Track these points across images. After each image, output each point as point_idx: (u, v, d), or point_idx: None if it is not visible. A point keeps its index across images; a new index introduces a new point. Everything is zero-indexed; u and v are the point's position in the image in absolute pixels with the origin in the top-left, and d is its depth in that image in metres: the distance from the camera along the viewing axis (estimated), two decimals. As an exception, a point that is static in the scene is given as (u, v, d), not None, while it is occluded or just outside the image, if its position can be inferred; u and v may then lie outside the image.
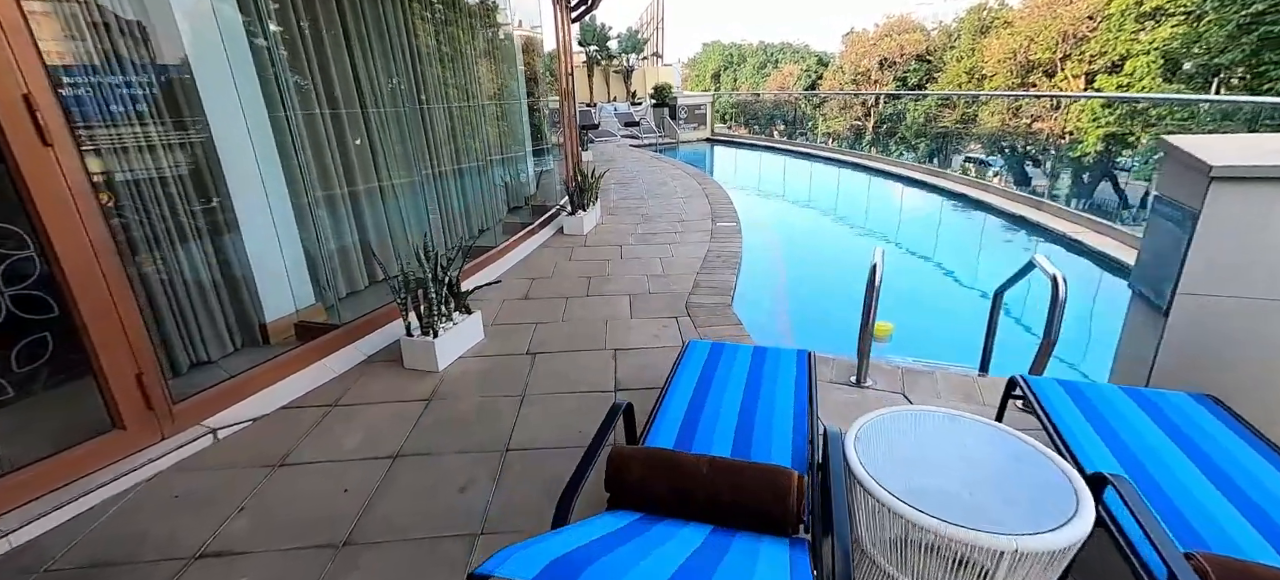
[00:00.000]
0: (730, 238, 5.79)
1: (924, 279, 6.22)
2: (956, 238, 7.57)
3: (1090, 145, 21.09)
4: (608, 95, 21.45)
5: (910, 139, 31.51)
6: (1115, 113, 20.43)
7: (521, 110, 7.09)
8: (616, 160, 12.21)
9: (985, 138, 27.09)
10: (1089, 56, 22.10)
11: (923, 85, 32.98)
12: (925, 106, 29.10)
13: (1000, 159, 20.41)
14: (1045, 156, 24.92)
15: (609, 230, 6.36)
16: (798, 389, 2.29)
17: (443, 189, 5.34)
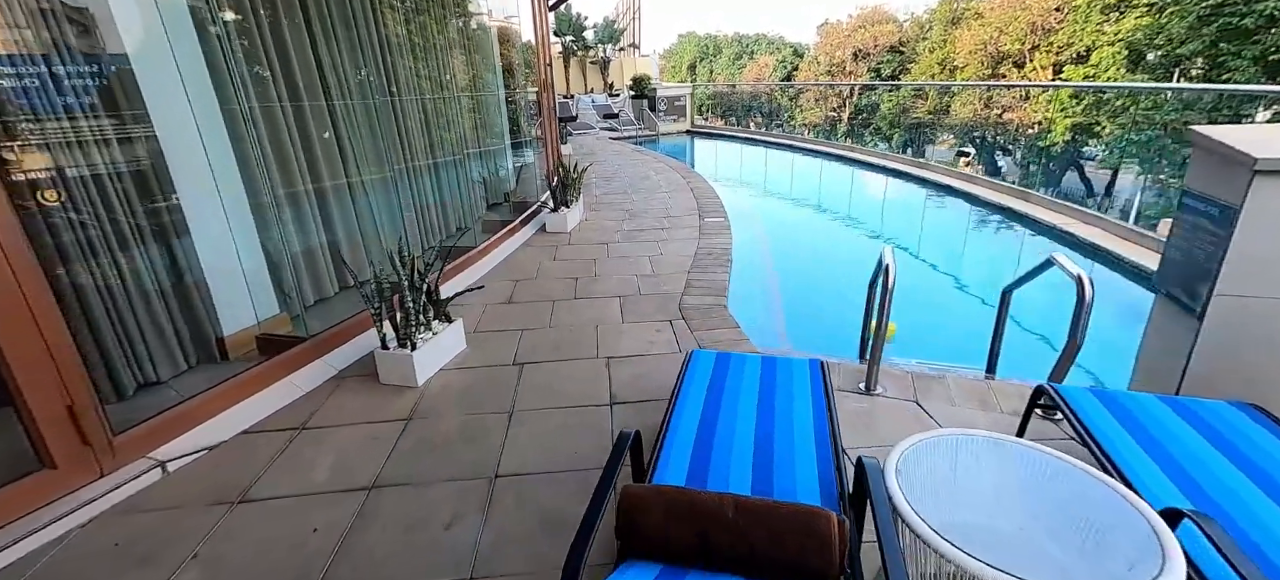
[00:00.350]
0: (719, 234, 5.60)
1: (912, 274, 6.13)
2: (942, 231, 7.52)
3: (1059, 135, 21.53)
4: (584, 87, 21.07)
5: (885, 130, 31.87)
6: (1082, 103, 20.87)
7: (499, 102, 6.77)
8: (596, 153, 11.92)
9: (958, 128, 27.51)
10: (1057, 47, 22.50)
11: (896, 76, 33.30)
12: (899, 97, 29.41)
13: (983, 152, 20.63)
14: (1015, 146, 25.40)
15: (594, 227, 6.11)
16: (816, 406, 2.10)
17: (417, 185, 5.02)
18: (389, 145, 4.66)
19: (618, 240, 5.58)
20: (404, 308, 3.04)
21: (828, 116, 35.56)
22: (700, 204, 6.85)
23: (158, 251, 3.05)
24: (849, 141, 32.36)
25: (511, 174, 7.07)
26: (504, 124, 6.81)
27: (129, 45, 2.92)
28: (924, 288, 5.70)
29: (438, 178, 5.32)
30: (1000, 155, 28.70)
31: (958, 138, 28.10)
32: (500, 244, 5.34)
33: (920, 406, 2.63)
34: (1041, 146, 23.03)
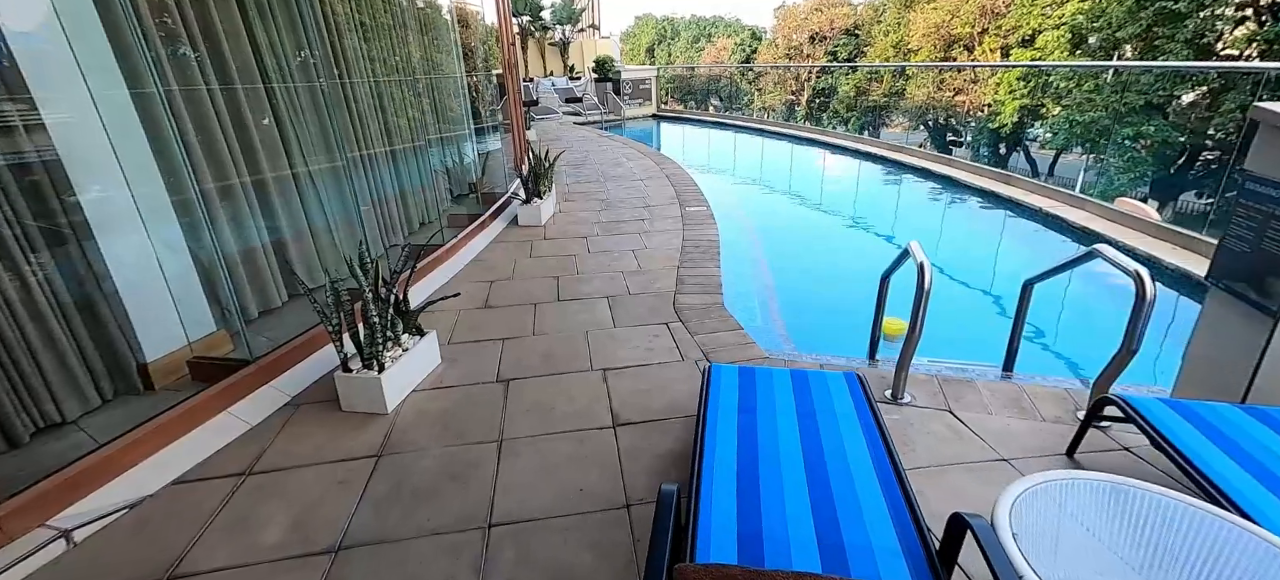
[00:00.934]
0: (704, 225, 5.29)
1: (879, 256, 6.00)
2: (920, 216, 7.44)
3: (1008, 117, 22.18)
4: (544, 70, 20.30)
5: (843, 113, 32.23)
6: (1029, 86, 21.53)
7: (459, 85, 6.22)
8: (562, 139, 11.39)
9: (913, 111, 28.02)
10: (1005, 31, 23.09)
11: (852, 59, 33.67)
12: (856, 80, 29.74)
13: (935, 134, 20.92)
14: (966, 128, 26.02)
15: (569, 220, 5.69)
16: (868, 434, 1.82)
17: (373, 176, 4.50)
18: (340, 132, 4.12)
19: (597, 234, 5.19)
20: (368, 323, 2.60)
21: (787, 100, 35.80)
22: (679, 192, 6.52)
23: (52, 262, 2.50)
24: (808, 124, 32.72)
25: (476, 162, 6.55)
26: (465, 108, 6.27)
27: (3, 20, 2.34)
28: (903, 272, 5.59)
29: (395, 167, 4.79)
30: (951, 136, 29.49)
31: (913, 120, 28.70)
32: (470, 240, 4.87)
33: (954, 415, 2.40)
34: (992, 128, 23.74)
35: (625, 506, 2.03)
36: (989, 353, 3.07)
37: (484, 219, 5.27)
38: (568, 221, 5.61)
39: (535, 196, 5.56)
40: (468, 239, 4.85)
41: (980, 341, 4.17)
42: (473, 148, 6.55)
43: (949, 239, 6.55)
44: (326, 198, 4.03)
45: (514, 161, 6.78)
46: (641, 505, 2.03)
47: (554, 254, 4.72)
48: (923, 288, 2.22)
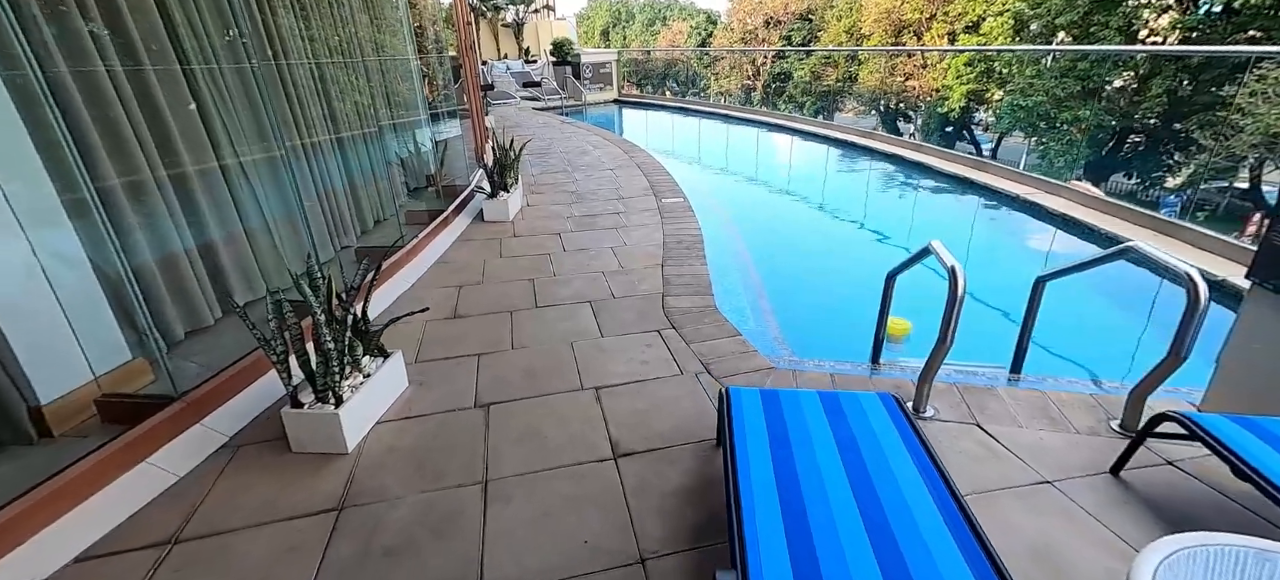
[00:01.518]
0: (683, 217, 5.01)
1: (859, 246, 5.91)
2: (891, 202, 7.40)
3: (956, 101, 22.83)
4: (498, 52, 19.44)
5: (798, 97, 32.51)
6: (975, 72, 22.19)
7: (410, 68, 5.67)
8: (523, 126, 10.84)
9: (865, 95, 28.50)
10: (953, 17, 23.66)
11: (807, 43, 33.95)
12: (811, 65, 30.00)
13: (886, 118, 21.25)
14: (917, 112, 26.69)
15: (539, 214, 5.29)
16: (923, 470, 1.59)
17: (319, 166, 3.98)
18: (277, 118, 3.60)
19: (571, 229, 4.82)
20: (322, 350, 2.20)
21: (743, 84, 35.84)
22: (652, 182, 6.20)
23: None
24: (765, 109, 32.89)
25: (433, 152, 6.02)
26: (418, 93, 5.74)
27: None
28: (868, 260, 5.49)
29: (343, 157, 4.27)
30: (902, 121, 30.24)
31: (865, 105, 29.23)
32: (433, 239, 4.42)
33: (983, 429, 2.22)
34: (941, 113, 24.42)
35: (639, 561, 1.75)
36: (980, 346, 2.94)
37: (447, 215, 4.82)
38: (538, 216, 5.22)
39: (501, 190, 5.13)
40: (430, 238, 4.40)
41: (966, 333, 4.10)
42: (429, 135, 6.02)
43: (921, 224, 6.52)
44: (264, 193, 3.51)
45: (475, 150, 6.29)
46: (657, 558, 1.75)
47: (526, 253, 4.33)
48: (956, 294, 2.01)
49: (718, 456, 2.15)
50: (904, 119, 29.36)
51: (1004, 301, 4.56)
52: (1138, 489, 1.87)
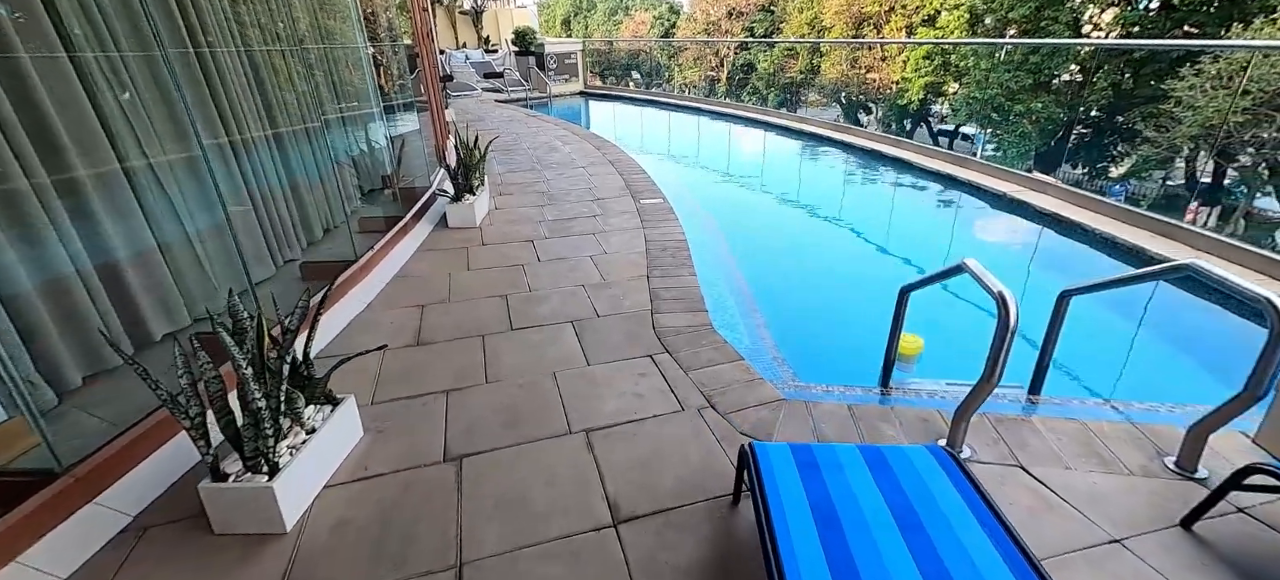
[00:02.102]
0: (665, 220, 4.66)
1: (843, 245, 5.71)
2: (872, 200, 7.21)
3: (915, 94, 23.19)
4: (456, 41, 18.57)
5: (762, 89, 32.54)
6: (933, 65, 22.56)
7: (362, 57, 5.11)
8: (486, 119, 10.24)
9: (827, 87, 28.70)
10: (910, 10, 23.99)
11: (769, 35, 33.99)
12: (774, 56, 30.00)
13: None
14: (878, 104, 27.06)
15: (509, 218, 4.85)
16: (997, 543, 1.30)
17: (255, 167, 3.44)
18: (202, 110, 3.06)
19: (545, 235, 4.41)
20: (250, 409, 1.76)
21: (707, 76, 35.68)
22: (628, 181, 5.82)
23: None
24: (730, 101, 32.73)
25: (389, 150, 5.47)
26: (369, 83, 5.18)
27: None
28: (849, 255, 5.29)
29: (282, 156, 3.73)
30: (862, 113, 30.65)
31: (828, 97, 29.46)
32: (390, 251, 3.93)
33: (1030, 474, 1.97)
34: (901, 105, 24.79)
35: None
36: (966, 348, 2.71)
37: (406, 222, 4.33)
38: (507, 221, 4.77)
39: (466, 192, 4.66)
40: (388, 248, 3.92)
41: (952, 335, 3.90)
42: (383, 131, 5.46)
43: (901, 222, 6.36)
44: (183, 201, 2.97)
45: (436, 148, 5.77)
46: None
47: (497, 264, 3.90)
48: (1007, 325, 1.73)
49: (737, 519, 1.83)
50: (865, 111, 29.80)
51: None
52: (1214, 546, 1.65)
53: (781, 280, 4.68)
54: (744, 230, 5.72)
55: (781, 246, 5.60)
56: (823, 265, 5.15)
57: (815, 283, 4.76)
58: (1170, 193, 19.04)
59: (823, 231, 6.08)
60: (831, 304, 4.43)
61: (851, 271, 5.09)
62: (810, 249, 5.61)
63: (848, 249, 5.55)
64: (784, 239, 5.85)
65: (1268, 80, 13.36)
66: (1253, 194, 15.43)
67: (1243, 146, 14.48)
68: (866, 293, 4.56)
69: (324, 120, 4.37)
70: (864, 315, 4.12)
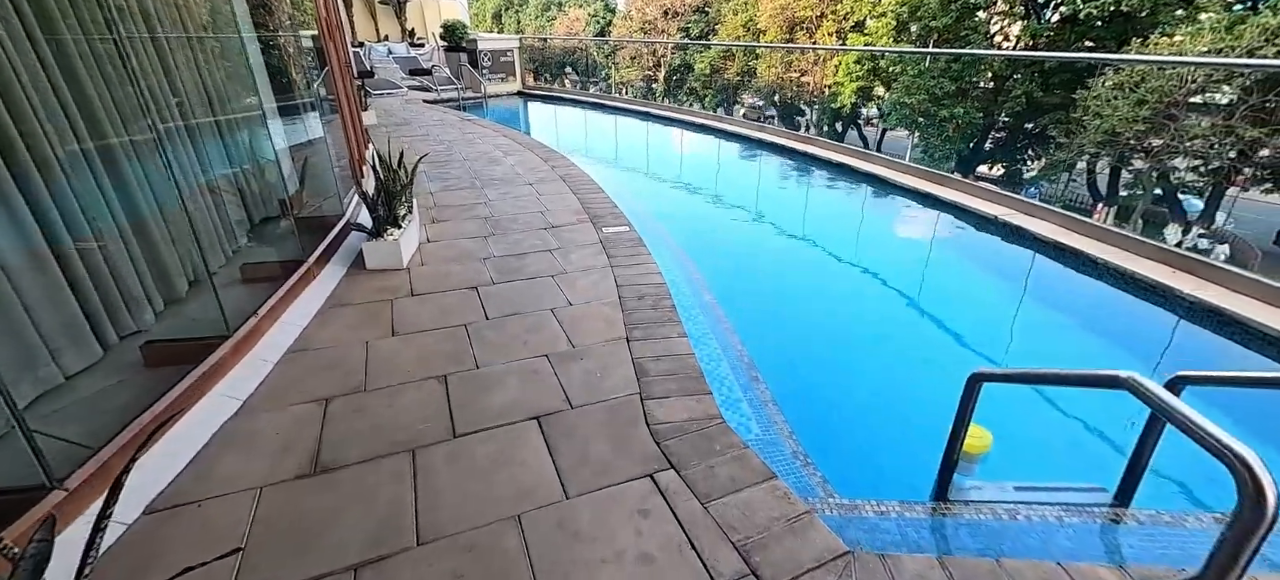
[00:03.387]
0: (636, 256, 3.90)
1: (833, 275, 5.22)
2: (841, 214, 6.77)
3: (847, 98, 23.64)
4: (377, 33, 16.86)
5: (699, 90, 32.32)
6: (863, 69, 23.07)
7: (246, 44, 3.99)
8: (413, 124, 9.03)
9: (763, 89, 28.87)
10: (841, 16, 24.42)
11: (705, 36, 33.87)
12: (710, 57, 29.85)
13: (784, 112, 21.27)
14: (812, 107, 27.50)
15: (445, 255, 3.92)
16: None
17: (65, 196, 2.37)
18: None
19: (492, 280, 3.53)
20: None
21: (644, 75, 35.10)
22: (585, 202, 5.01)
23: None
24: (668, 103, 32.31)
25: (288, 165, 4.35)
26: (258, 77, 4.07)
27: None
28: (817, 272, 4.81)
29: (114, 179, 2.65)
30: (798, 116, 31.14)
31: (764, 99, 29.64)
32: (283, 310, 2.94)
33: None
34: (834, 108, 25.24)
35: None
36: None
37: (308, 266, 3.32)
38: (444, 258, 3.85)
39: (390, 226, 3.70)
40: (279, 309, 2.92)
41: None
42: (278, 141, 4.33)
43: (870, 236, 5.95)
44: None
45: (351, 164, 4.72)
46: None
47: (431, 324, 3.00)
48: (1264, 518, 1.12)
49: None
50: (798, 113, 30.28)
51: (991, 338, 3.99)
52: None
53: (776, 330, 3.97)
54: (722, 260, 5.03)
55: (766, 284, 4.87)
56: (819, 307, 4.52)
57: (816, 333, 4.09)
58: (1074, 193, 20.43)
59: (804, 256, 5.51)
60: (842, 362, 3.78)
61: (850, 312, 4.48)
62: (796, 284, 4.96)
63: (837, 282, 4.97)
64: (767, 274, 5.10)
65: (1164, 91, 14.40)
66: (1147, 195, 16.70)
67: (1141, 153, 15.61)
68: (872, 337, 4.02)
69: (193, 123, 3.28)
70: (882, 371, 3.56)
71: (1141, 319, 3.98)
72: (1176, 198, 17.58)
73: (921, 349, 3.86)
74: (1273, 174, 14.55)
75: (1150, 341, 3.83)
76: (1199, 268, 3.99)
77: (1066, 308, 4.50)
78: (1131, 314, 4.08)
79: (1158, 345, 3.72)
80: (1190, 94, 14.09)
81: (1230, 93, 13.28)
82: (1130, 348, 3.98)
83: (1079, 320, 4.34)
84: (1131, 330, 4.08)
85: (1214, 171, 15.32)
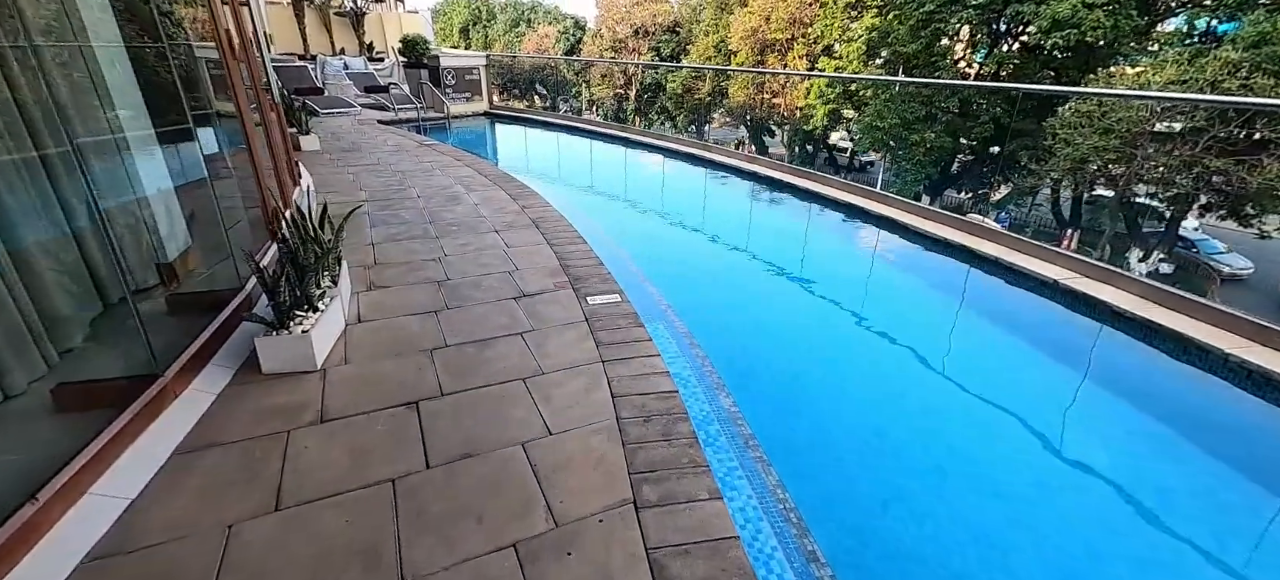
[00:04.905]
0: (631, 337, 2.98)
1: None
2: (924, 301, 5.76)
3: (819, 121, 23.42)
4: (332, 47, 15.56)
5: (671, 110, 31.81)
6: (835, 92, 22.90)
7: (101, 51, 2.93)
8: (363, 150, 7.90)
9: (734, 110, 28.52)
10: (812, 39, 24.30)
11: (676, 57, 33.52)
12: (682, 77, 29.39)
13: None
14: (782, 128, 27.25)
15: (377, 346, 2.90)
16: None
17: None
18: None
19: (438, 389, 2.53)
20: None
21: (615, 93, 34.44)
22: (562, 257, 4.06)
23: None
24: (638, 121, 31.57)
25: (170, 215, 3.25)
26: (122, 98, 3.00)
27: None
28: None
29: None
30: (767, 136, 30.89)
31: (735, 119, 29.25)
32: (107, 463, 1.89)
33: None
34: (806, 131, 25.00)
35: None
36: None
37: (166, 383, 2.27)
38: (376, 351, 2.83)
39: (299, 310, 2.67)
40: (101, 464, 1.87)
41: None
42: (154, 180, 3.24)
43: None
44: None
45: (264, 215, 3.66)
46: None
47: (341, 484, 1.99)
48: None
49: None
50: (768, 134, 30.06)
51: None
52: None
53: (853, 488, 2.77)
54: (746, 353, 3.90)
55: (817, 399, 3.53)
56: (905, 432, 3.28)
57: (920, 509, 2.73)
58: (1040, 219, 20.57)
59: (870, 352, 4.12)
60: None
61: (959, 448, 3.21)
62: (880, 404, 3.57)
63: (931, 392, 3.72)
64: (813, 386, 3.70)
65: (1131, 121, 14.46)
66: (1114, 223, 16.80)
67: (1107, 180, 15.70)
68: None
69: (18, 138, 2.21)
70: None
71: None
72: (1138, 223, 17.83)
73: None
74: (1231, 200, 14.74)
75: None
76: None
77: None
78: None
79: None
80: (1151, 125, 14.20)
81: (1195, 123, 13.35)
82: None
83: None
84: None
85: (1175, 199, 15.52)
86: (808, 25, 24.06)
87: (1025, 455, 3.08)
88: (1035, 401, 3.57)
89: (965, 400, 3.63)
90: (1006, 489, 2.84)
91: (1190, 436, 3.20)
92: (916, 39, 19.59)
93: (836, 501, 2.64)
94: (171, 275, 3.10)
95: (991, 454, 3.10)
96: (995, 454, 3.10)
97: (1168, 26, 18.74)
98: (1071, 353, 4.07)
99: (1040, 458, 3.07)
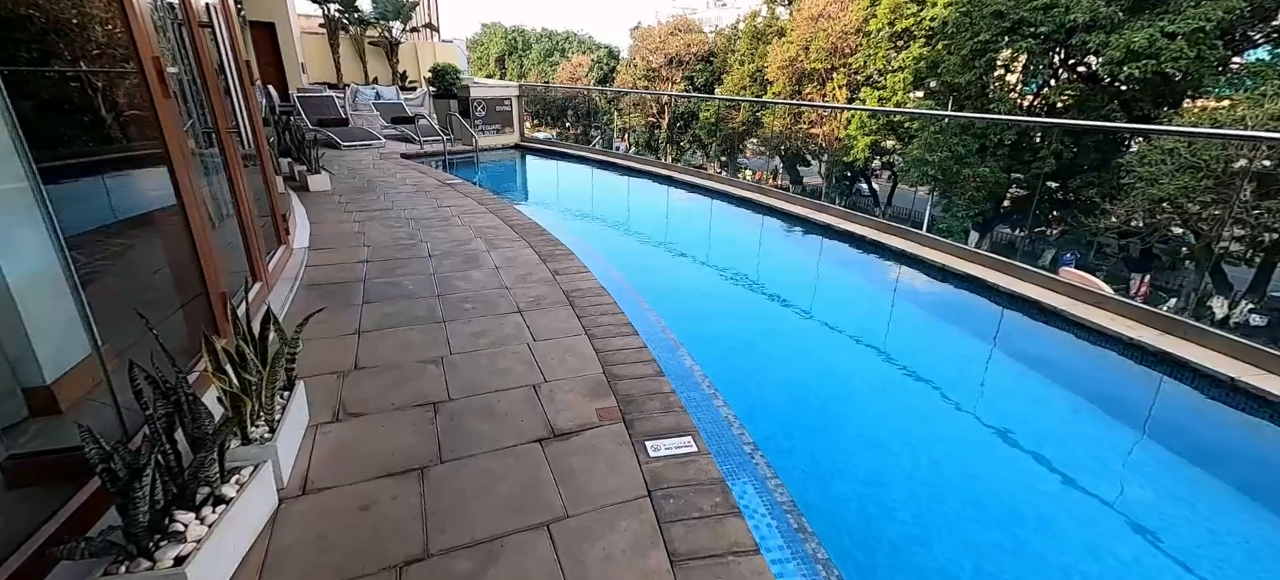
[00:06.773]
0: (715, 531, 1.83)
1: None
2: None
3: (860, 152, 22.09)
4: (365, 76, 15.12)
5: (703, 139, 30.88)
6: (878, 123, 21.58)
7: None
8: (378, 190, 7.01)
9: (769, 139, 27.39)
10: (854, 69, 23.16)
11: (710, 86, 32.79)
12: (715, 106, 28.48)
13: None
14: (819, 159, 25.87)
15: (313, 561, 1.82)
16: None
17: None
18: None
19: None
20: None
21: (647, 121, 33.78)
22: (608, 362, 2.94)
23: None
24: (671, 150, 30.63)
25: (55, 300, 2.27)
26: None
27: None
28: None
29: None
30: (801, 166, 29.62)
31: (769, 150, 28.11)
32: None
33: None
34: (846, 161, 23.68)
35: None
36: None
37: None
38: (309, 570, 1.75)
39: (183, 512, 1.60)
40: None
41: None
42: (16, 262, 2.26)
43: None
44: None
45: (210, 302, 2.65)
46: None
47: None
48: None
49: None
50: (804, 163, 28.80)
51: None
52: None
53: None
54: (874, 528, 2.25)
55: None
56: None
57: None
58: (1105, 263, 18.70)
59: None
60: None
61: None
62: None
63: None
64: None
65: (1219, 160, 12.80)
66: (1203, 271, 14.96)
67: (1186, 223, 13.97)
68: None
69: None
70: None
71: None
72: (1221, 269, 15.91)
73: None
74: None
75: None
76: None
77: None
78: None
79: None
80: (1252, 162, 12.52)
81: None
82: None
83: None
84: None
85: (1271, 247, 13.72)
86: (849, 55, 22.92)
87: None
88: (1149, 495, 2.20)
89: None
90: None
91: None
92: (969, 69, 18.25)
93: None
94: (48, 405, 2.10)
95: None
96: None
97: (1247, 57, 17.02)
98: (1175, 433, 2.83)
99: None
